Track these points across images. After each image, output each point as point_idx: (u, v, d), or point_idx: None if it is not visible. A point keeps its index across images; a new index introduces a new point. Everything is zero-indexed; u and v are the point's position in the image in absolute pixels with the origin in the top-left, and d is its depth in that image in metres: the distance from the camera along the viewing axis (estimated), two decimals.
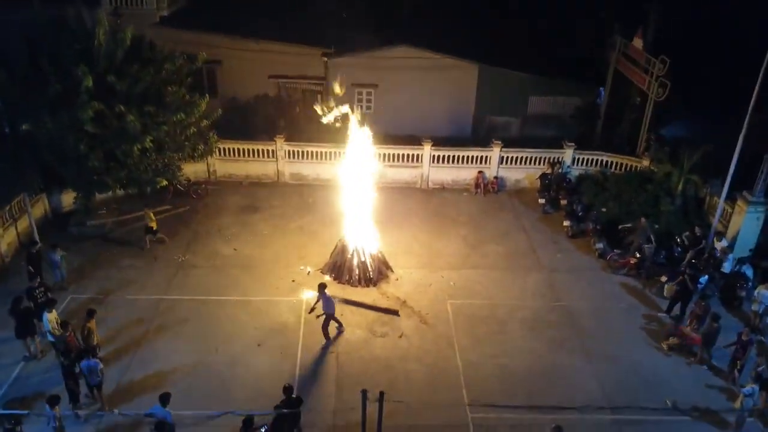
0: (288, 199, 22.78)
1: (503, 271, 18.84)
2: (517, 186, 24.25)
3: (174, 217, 21.18)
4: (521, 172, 24.09)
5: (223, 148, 23.40)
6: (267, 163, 23.73)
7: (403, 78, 26.44)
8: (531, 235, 21.03)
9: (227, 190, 23.26)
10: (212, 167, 23.62)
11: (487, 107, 27.62)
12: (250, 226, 20.81)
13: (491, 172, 23.90)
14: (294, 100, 28.29)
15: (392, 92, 26.66)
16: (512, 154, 23.80)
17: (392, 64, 26.15)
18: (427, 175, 23.91)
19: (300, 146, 23.50)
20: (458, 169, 23.90)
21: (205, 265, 18.55)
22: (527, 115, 28.17)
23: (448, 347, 15.51)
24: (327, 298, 15.14)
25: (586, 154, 23.78)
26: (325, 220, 21.05)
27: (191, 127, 18.75)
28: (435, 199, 23.34)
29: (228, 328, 15.30)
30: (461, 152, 23.75)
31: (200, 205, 22.02)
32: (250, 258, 18.94)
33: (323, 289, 15.21)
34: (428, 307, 16.93)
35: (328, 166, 23.40)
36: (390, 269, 18.44)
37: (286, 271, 18.30)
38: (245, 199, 22.62)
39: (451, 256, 19.49)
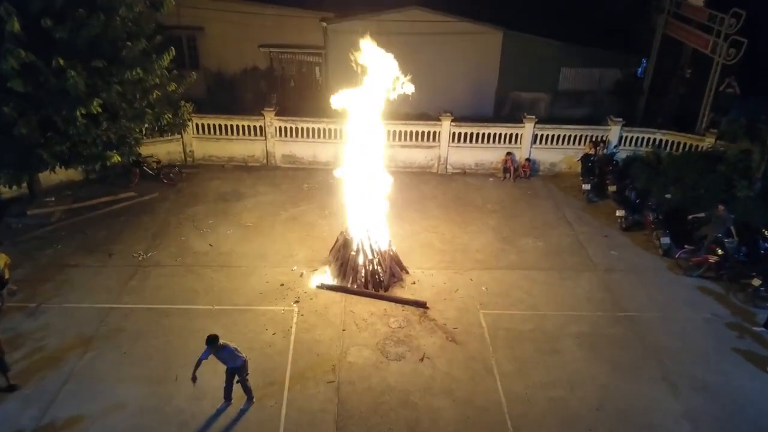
0: (279, 185, 18.96)
1: (547, 271, 15.00)
2: (553, 170, 20.39)
3: (139, 205, 17.36)
4: (558, 154, 20.22)
5: (201, 125, 19.61)
6: (254, 143, 19.90)
7: (415, 47, 22.53)
8: (575, 227, 17.18)
9: (207, 174, 19.44)
10: (189, 147, 19.80)
11: (512, 81, 23.75)
12: (232, 216, 16.99)
13: (522, 154, 20.05)
14: (288, 74, 24.51)
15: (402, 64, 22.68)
16: (548, 131, 19.93)
17: (402, 29, 22.26)
18: (445, 157, 20.06)
19: (293, 122, 19.66)
20: (483, 149, 20.05)
21: (172, 264, 14.72)
22: (558, 90, 24.32)
23: (485, 374, 11.67)
24: (229, 351, 10.21)
25: (636, 132, 19.91)
26: (324, 210, 17.28)
27: (154, 91, 14.88)
28: (455, 185, 19.50)
29: (194, 347, 11.32)
30: (487, 129, 19.88)
31: (172, 192, 18.20)
32: (230, 255, 15.12)
33: (214, 343, 9.99)
34: (456, 320, 13.11)
35: (328, 146, 19.61)
36: (405, 270, 14.61)
37: (274, 272, 14.49)
38: (227, 185, 18.80)
39: (480, 253, 15.66)
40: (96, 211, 16.86)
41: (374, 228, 14.18)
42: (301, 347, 12.13)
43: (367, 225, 14.10)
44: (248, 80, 23.97)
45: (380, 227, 14.44)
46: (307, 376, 11.45)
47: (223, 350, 10.12)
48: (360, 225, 14.12)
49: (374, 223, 14.26)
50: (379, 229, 14.42)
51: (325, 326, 12.75)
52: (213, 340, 9.99)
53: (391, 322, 12.94)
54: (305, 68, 24.46)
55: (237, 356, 10.20)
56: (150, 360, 11.67)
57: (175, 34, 22.81)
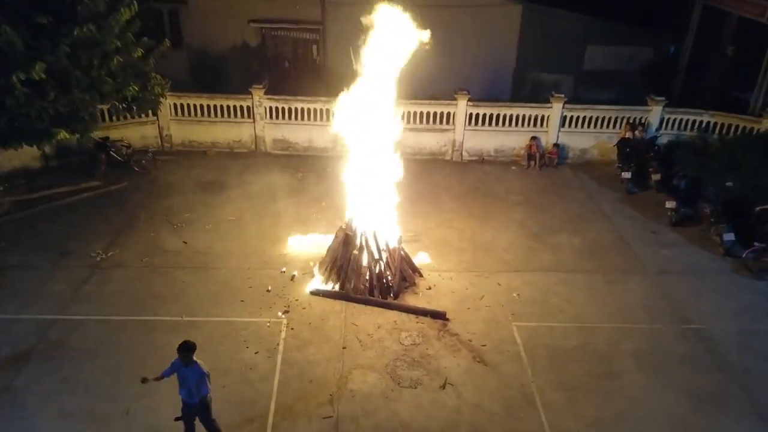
0: (268, 173, 16.39)
1: (589, 274, 12.44)
2: (583, 157, 17.82)
3: (104, 196, 14.80)
4: (589, 139, 17.65)
5: (180, 105, 17.05)
6: (241, 126, 17.33)
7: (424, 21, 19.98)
8: (616, 221, 14.62)
9: (186, 161, 16.86)
10: (166, 131, 17.21)
11: (532, 61, 21.17)
12: (212, 209, 14.43)
13: (549, 139, 17.49)
14: (282, 52, 21.97)
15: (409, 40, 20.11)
16: (579, 113, 17.37)
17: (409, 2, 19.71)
18: (460, 142, 17.48)
19: (286, 101, 17.09)
20: (504, 133, 17.48)
21: (136, 264, 12.17)
22: (583, 71, 21.76)
23: (525, 405, 9.12)
24: (199, 372, 7.61)
25: (680, 114, 17.35)
26: (320, 202, 14.75)
27: (115, 56, 12.30)
28: (473, 174, 16.93)
29: (155, 368, 8.64)
30: (508, 110, 17.32)
31: (144, 181, 15.63)
32: (207, 255, 12.57)
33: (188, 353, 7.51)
34: (484, 335, 10.55)
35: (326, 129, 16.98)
36: (418, 272, 12.06)
37: (259, 275, 11.93)
38: (209, 174, 16.23)
39: (507, 252, 13.10)
40: (52, 202, 14.30)
41: (381, 221, 11.62)
42: (291, 371, 9.57)
43: (373, 218, 11.54)
44: (237, 60, 21.35)
45: (388, 220, 11.88)
46: (297, 409, 8.89)
47: (193, 368, 7.54)
48: (364, 218, 11.56)
49: (381, 216, 11.70)
50: (387, 222, 11.86)
51: (321, 343, 10.20)
52: (189, 349, 7.45)
53: (403, 338, 10.38)
54: (301, 46, 21.94)
55: (203, 383, 7.60)
56: (96, 388, 9.11)
57: (155, 6, 20.31)
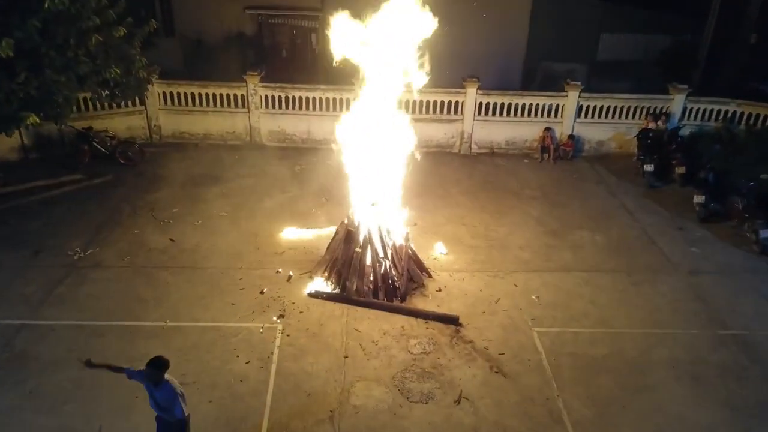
0: (264, 166, 15.30)
1: (614, 274, 11.34)
2: (600, 149, 16.73)
3: (86, 190, 13.71)
4: (606, 130, 16.55)
5: (170, 94, 15.96)
6: (235, 116, 16.24)
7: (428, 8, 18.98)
8: (639, 217, 13.53)
9: (175, 154, 15.78)
10: (154, 122, 16.12)
11: (542, 50, 20.10)
12: (203, 204, 13.33)
13: (563, 130, 16.40)
14: (279, 41, 20.90)
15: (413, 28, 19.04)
16: (596, 102, 16.25)
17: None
18: (469, 133, 16.39)
19: (283, 89, 16.00)
20: (515, 124, 16.39)
21: (117, 264, 11.07)
22: (596, 61, 20.72)
23: (552, 424, 8.02)
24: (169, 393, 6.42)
25: (704, 103, 16.24)
26: (320, 197, 13.66)
27: (93, 35, 11.18)
28: (483, 168, 15.84)
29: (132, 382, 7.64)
30: (521, 99, 16.21)
31: (130, 175, 14.54)
32: (195, 253, 11.48)
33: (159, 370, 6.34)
34: (502, 342, 9.45)
35: (325, 119, 15.94)
36: (427, 272, 10.96)
37: (252, 275, 10.84)
38: (200, 167, 15.14)
39: (523, 250, 12.00)
40: (30, 197, 13.22)
41: (386, 216, 10.53)
42: (286, 383, 8.48)
43: (377, 211, 10.44)
44: (232, 49, 20.32)
45: (393, 215, 10.80)
46: (293, 427, 7.80)
47: (162, 388, 6.44)
48: (367, 212, 10.47)
49: (386, 210, 10.61)
50: (393, 217, 10.78)
51: (320, 351, 9.12)
52: (160, 367, 6.31)
53: (411, 346, 9.29)
54: (299, 35, 20.87)
55: (176, 406, 6.51)
56: (65, 404, 8.02)
57: None
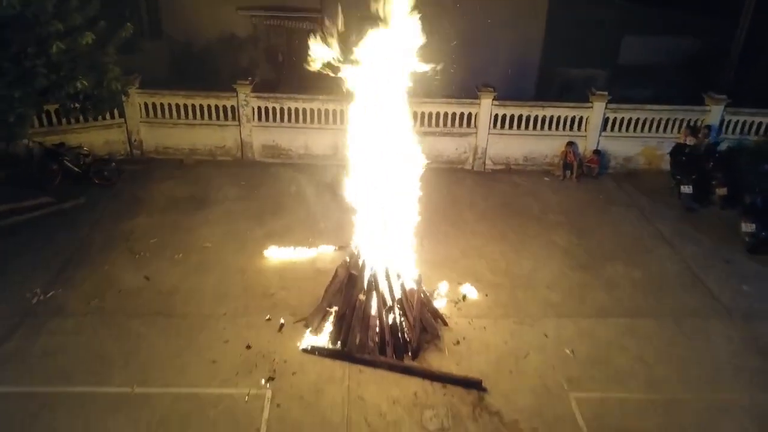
0: (256, 186, 13.76)
1: (658, 319, 9.79)
2: (627, 166, 15.18)
3: (54, 216, 12.16)
4: (634, 144, 15.01)
5: (152, 105, 14.42)
6: (225, 130, 14.69)
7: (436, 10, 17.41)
8: (678, 246, 11.97)
9: (158, 172, 14.23)
10: (135, 136, 14.57)
11: (560, 54, 18.55)
12: (185, 233, 11.78)
13: (587, 144, 14.86)
14: (276, 45, 19.38)
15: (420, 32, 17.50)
16: (624, 114, 14.70)
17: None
18: (484, 148, 14.84)
19: (277, 100, 14.44)
20: (535, 138, 14.84)
21: (81, 310, 9.52)
22: (618, 65, 19.17)
23: None
24: None
25: (745, 115, 14.69)
26: (318, 223, 12.08)
27: (54, 42, 9.60)
28: (500, 187, 14.29)
29: None
30: (541, 111, 14.65)
31: (105, 197, 12.99)
32: (172, 296, 9.91)
33: None
34: (534, 411, 7.90)
35: (325, 133, 14.45)
36: (442, 320, 9.41)
37: (238, 325, 9.29)
38: (184, 187, 13.59)
39: (552, 289, 10.44)
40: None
41: (394, 254, 8.98)
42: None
43: (384, 249, 8.89)
44: (225, 53, 18.82)
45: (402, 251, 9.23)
46: None
47: None
48: (373, 249, 8.92)
49: (394, 246, 9.04)
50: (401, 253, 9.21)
51: (317, 426, 7.57)
52: None
53: (426, 419, 7.74)
54: (297, 38, 19.28)
55: None
56: None
57: None
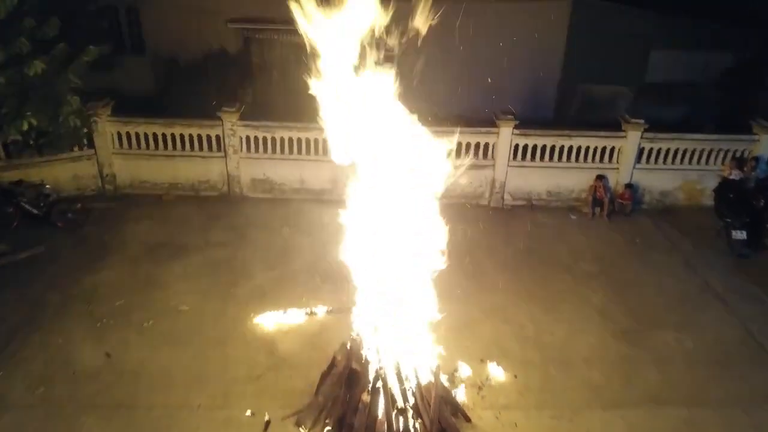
0: (243, 227, 12.05)
1: (725, 410, 8.05)
2: (663, 201, 13.48)
3: (5, 269, 10.46)
4: (672, 178, 13.31)
5: (126, 134, 12.74)
6: (209, 162, 13.00)
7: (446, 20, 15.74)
8: (735, 305, 10.25)
9: (132, 211, 12.53)
10: (107, 169, 12.88)
11: (581, 70, 16.87)
12: (157, 290, 10.07)
13: (620, 177, 13.15)
14: (269, 61, 17.67)
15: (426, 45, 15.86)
16: (663, 144, 12.99)
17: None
18: (502, 181, 13.14)
19: (268, 129, 12.75)
20: (560, 170, 13.15)
21: (22, 401, 7.80)
22: (645, 83, 17.49)
23: None
24: None
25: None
26: (313, 277, 10.39)
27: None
28: (521, 227, 12.59)
29: None
30: (568, 140, 12.93)
31: (69, 244, 11.28)
32: (137, 379, 8.19)
33: None
34: None
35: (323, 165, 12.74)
36: (463, 414, 7.69)
37: (214, 418, 7.56)
38: (161, 230, 11.88)
39: (591, 366, 8.71)
40: None
41: (406, 343, 7.27)
42: None
43: (394, 335, 7.19)
44: (213, 70, 17.12)
45: (414, 325, 7.51)
46: None
47: None
48: (380, 334, 7.22)
49: (403, 319, 7.33)
50: (413, 329, 7.49)
51: None
52: None
53: None
54: (292, 53, 17.57)
55: None
56: None
57: (108, 2, 16.30)
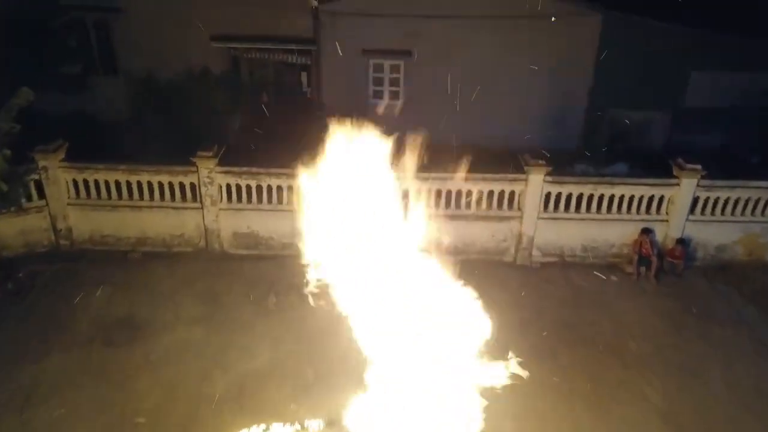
0: (221, 296, 10.02)
1: None
2: (720, 257, 11.44)
3: None
4: (732, 230, 11.30)
5: (84, 182, 10.72)
6: (182, 214, 10.96)
7: (458, 38, 14.18)
8: None
9: (92, 272, 10.48)
10: (62, 222, 10.83)
11: (612, 93, 14.96)
12: (111, 390, 8.02)
13: (670, 231, 11.12)
14: (259, 82, 15.74)
15: (436, 65, 14.05)
16: (721, 193, 10.95)
17: (437, 11, 13.82)
18: (530, 236, 11.10)
19: (253, 176, 10.72)
20: (598, 223, 11.12)
21: None
22: (682, 107, 15.54)
23: None
24: None
25: None
26: (304, 369, 8.40)
27: None
28: (554, 291, 10.59)
29: None
30: (609, 189, 10.88)
31: (7, 322, 9.24)
32: None
33: None
34: None
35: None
36: None
37: None
38: (123, 300, 9.81)
39: None
40: None
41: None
42: None
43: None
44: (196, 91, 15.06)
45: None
46: None
47: None
48: None
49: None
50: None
51: None
52: None
53: None
54: (285, 74, 15.75)
55: None
56: None
57: (76, 16, 14.43)
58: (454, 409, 6.10)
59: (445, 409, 6.05)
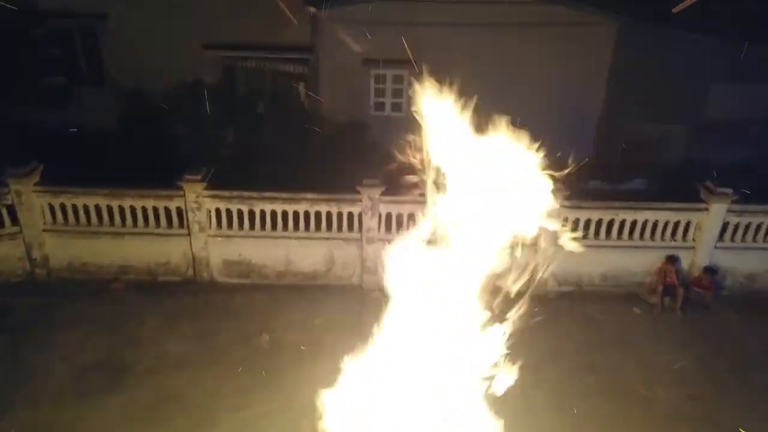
0: (209, 333, 9.18)
1: None
2: (749, 286, 10.62)
3: None
4: (762, 258, 10.47)
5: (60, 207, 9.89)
6: (168, 240, 10.14)
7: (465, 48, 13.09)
8: None
9: (69, 306, 9.63)
10: (37, 250, 9.97)
11: (627, 106, 14.15)
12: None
13: (696, 259, 10.30)
14: (254, 92, 14.89)
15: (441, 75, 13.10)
16: (752, 218, 10.15)
17: (442, 19, 12.98)
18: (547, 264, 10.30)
19: (244, 201, 9.88)
20: (619, 251, 10.31)
21: None
22: (702, 120, 14.75)
23: None
24: None
25: None
26: (299, 422, 7.51)
27: None
28: (571, 327, 9.76)
29: None
30: (632, 214, 10.07)
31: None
32: None
33: None
34: None
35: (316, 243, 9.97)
36: None
37: None
38: (101, 340, 8.97)
39: None
40: None
41: None
42: None
43: None
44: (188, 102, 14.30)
45: None
46: None
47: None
48: None
49: None
50: None
51: None
52: None
53: None
54: (281, 83, 14.91)
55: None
56: None
57: (61, 25, 13.56)
58: None
59: None
